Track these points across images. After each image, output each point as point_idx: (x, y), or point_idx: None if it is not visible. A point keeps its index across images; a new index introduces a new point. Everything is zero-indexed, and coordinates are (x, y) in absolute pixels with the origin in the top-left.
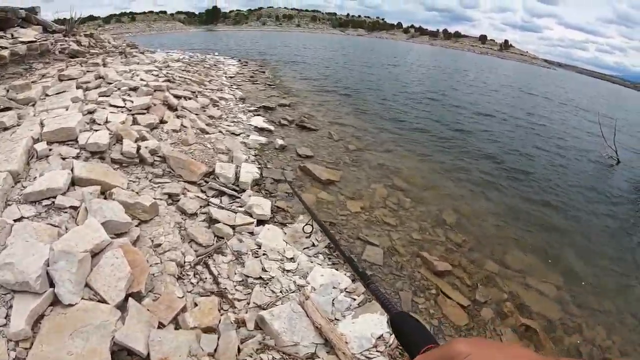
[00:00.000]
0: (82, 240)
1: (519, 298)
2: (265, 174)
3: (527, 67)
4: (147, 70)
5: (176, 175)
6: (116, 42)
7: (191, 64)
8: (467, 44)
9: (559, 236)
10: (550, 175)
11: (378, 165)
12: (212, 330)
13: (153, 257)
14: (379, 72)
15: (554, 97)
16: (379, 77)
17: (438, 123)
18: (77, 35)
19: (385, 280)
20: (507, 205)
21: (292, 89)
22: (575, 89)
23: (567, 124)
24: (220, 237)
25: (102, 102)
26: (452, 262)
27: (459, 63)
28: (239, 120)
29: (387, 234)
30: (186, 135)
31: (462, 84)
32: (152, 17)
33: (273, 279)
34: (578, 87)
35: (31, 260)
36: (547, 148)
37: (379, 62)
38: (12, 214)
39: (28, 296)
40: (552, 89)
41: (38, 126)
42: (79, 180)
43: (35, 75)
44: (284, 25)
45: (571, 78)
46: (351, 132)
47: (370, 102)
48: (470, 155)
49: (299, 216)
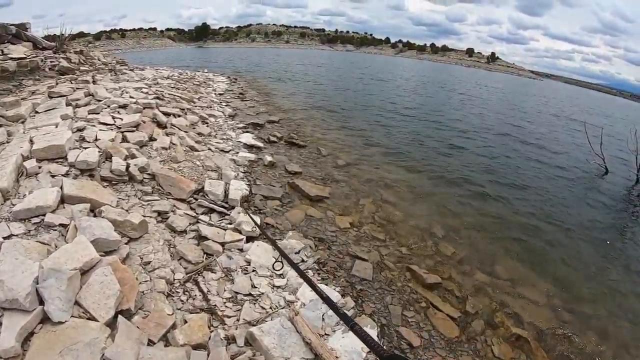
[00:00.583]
0: (72, 258)
1: (510, 307)
2: (255, 190)
3: (515, 79)
4: (137, 88)
5: (165, 192)
6: (106, 59)
7: (181, 81)
8: (455, 58)
9: (549, 245)
10: (538, 185)
11: (367, 180)
12: (202, 347)
13: (142, 275)
14: (366, 88)
15: (541, 109)
16: (367, 93)
17: (426, 137)
18: (67, 52)
19: (375, 295)
20: (496, 216)
21: (281, 105)
22: (561, 99)
23: (555, 135)
24: (210, 254)
25: (92, 120)
26: (442, 275)
27: (446, 77)
28: (228, 138)
29: (376, 248)
30: (175, 153)
31: (448, 98)
32: (142, 33)
33: (263, 295)
34: (564, 97)
35: (21, 278)
36: (536, 159)
37: (366, 77)
38: (2, 232)
39: (18, 313)
40: (538, 100)
41: (28, 143)
42: (68, 198)
43: (25, 92)
44: (273, 41)
45: (557, 88)
46: (340, 148)
47: (359, 117)
48: (458, 169)
49: (288, 232)
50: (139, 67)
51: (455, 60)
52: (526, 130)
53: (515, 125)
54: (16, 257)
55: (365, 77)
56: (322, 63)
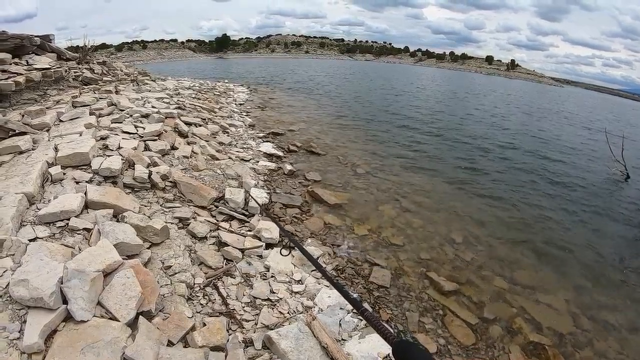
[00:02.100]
0: (95, 260)
1: (529, 314)
2: (275, 198)
3: (535, 86)
4: (159, 98)
5: (187, 200)
6: (128, 69)
7: (202, 91)
8: (474, 66)
9: (569, 251)
10: (559, 191)
11: (386, 188)
12: (220, 349)
13: (163, 279)
14: (387, 97)
15: (562, 115)
16: (388, 102)
17: (446, 145)
18: (90, 63)
19: (393, 302)
20: (515, 223)
21: (300, 114)
22: (582, 105)
23: (576, 141)
24: (230, 260)
25: (115, 129)
26: (460, 281)
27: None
28: (249, 147)
29: (394, 255)
30: (197, 161)
31: (469, 106)
32: (163, 45)
33: (281, 301)
34: (585, 103)
35: (45, 278)
36: (556, 165)
37: (385, 85)
38: (27, 234)
39: (42, 312)
40: (559, 107)
41: (52, 151)
42: (92, 204)
43: (50, 102)
44: (293, 52)
45: (578, 95)
46: (359, 156)
47: (379, 127)
48: (478, 177)
49: (307, 240)
50: (161, 78)
51: (474, 68)
52: (546, 137)
53: (535, 133)
54: (41, 259)
55: (385, 87)
56: (342, 73)
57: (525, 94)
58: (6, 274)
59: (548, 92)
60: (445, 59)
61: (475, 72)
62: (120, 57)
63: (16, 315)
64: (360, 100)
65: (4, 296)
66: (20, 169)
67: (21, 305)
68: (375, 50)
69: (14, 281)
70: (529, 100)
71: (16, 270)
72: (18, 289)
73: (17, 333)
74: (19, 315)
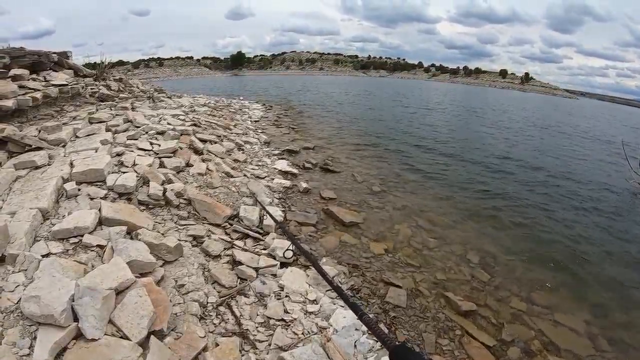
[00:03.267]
0: (108, 278)
1: (547, 335)
2: (290, 216)
3: (549, 100)
4: (174, 115)
5: (201, 217)
6: (144, 86)
7: (217, 108)
8: (488, 80)
9: (587, 271)
10: (576, 208)
11: (402, 207)
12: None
13: (176, 297)
14: (402, 114)
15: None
16: (403, 120)
17: (462, 163)
18: (107, 80)
19: (409, 323)
20: (532, 241)
21: (315, 132)
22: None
23: (592, 154)
24: (244, 279)
25: (130, 145)
26: (478, 302)
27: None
28: (264, 164)
29: (410, 275)
30: (211, 179)
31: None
32: (179, 62)
33: (295, 321)
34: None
35: (57, 295)
36: (572, 181)
37: (401, 103)
38: (41, 250)
39: (52, 329)
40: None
41: (68, 166)
42: (106, 220)
43: (66, 117)
44: (307, 68)
45: (593, 107)
46: (375, 174)
47: (394, 144)
48: (494, 193)
49: (322, 258)
50: (177, 95)
51: (488, 82)
52: (562, 152)
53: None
54: (53, 275)
55: (400, 103)
56: (356, 89)
57: (540, 109)
58: (18, 290)
59: (563, 105)
60: (459, 74)
61: (489, 87)
62: (137, 74)
63: (27, 332)
64: (375, 118)
65: (15, 312)
66: (36, 184)
67: (32, 321)
68: (389, 66)
69: (26, 297)
70: (544, 115)
71: (28, 286)
72: (29, 305)
73: (27, 349)
74: (30, 331)
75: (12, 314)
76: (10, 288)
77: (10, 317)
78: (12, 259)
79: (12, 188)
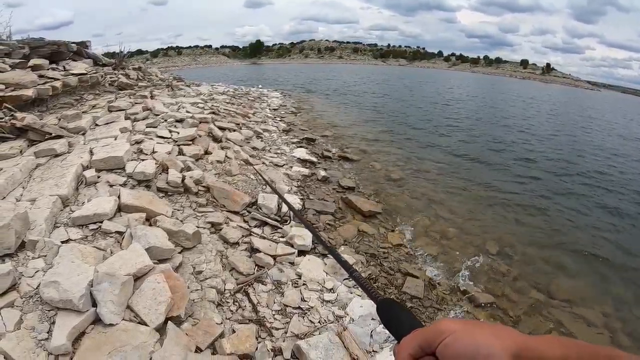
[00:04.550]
0: (126, 264)
1: (566, 328)
2: (308, 205)
3: (571, 92)
4: (193, 103)
5: (219, 204)
6: (163, 75)
7: (236, 96)
8: (509, 70)
9: (609, 264)
10: (598, 200)
11: (420, 195)
12: (249, 357)
13: (194, 284)
14: (421, 103)
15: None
16: (423, 108)
17: (482, 151)
18: (125, 69)
19: (426, 313)
20: (552, 232)
21: (334, 120)
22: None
23: (616, 148)
24: (261, 267)
25: (149, 133)
26: (495, 293)
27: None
28: (282, 152)
29: (428, 265)
30: (230, 166)
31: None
32: (197, 51)
33: (312, 309)
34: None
35: (76, 280)
36: (595, 173)
37: (420, 91)
38: (60, 236)
39: (71, 314)
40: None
41: (87, 154)
42: (125, 207)
43: (86, 106)
44: (326, 57)
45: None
46: (393, 162)
47: (414, 133)
48: (514, 184)
49: (340, 247)
50: (195, 83)
51: (509, 73)
52: (585, 145)
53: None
54: (72, 261)
55: (419, 91)
56: (374, 78)
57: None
58: (37, 275)
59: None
60: (480, 64)
61: (509, 77)
62: (156, 63)
63: (45, 316)
64: (394, 107)
65: (34, 296)
66: (56, 172)
67: (51, 306)
68: (408, 55)
69: (45, 282)
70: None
71: (47, 272)
72: (48, 290)
73: (45, 334)
74: (48, 316)
75: (32, 299)
76: (30, 273)
77: (30, 301)
78: (32, 245)
79: (33, 175)
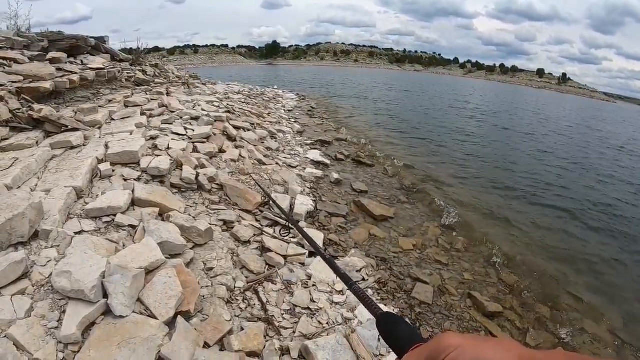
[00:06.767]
0: (138, 258)
1: (574, 341)
2: (320, 207)
3: (587, 103)
4: (209, 101)
5: (232, 203)
6: (180, 73)
7: (251, 96)
8: (525, 79)
9: (619, 278)
10: (611, 214)
11: (433, 202)
12: (256, 355)
13: (204, 280)
14: (437, 109)
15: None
16: (438, 115)
17: (495, 160)
18: (143, 65)
19: (434, 320)
20: (563, 246)
21: (349, 123)
22: None
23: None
24: (272, 266)
25: (165, 129)
26: (504, 304)
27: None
28: (296, 153)
29: (438, 272)
30: (244, 165)
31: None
32: (214, 50)
33: (321, 310)
34: None
35: (88, 271)
36: (611, 186)
37: (436, 98)
38: (74, 227)
39: (81, 304)
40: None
41: (103, 148)
42: (138, 201)
43: (102, 100)
44: (342, 60)
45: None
46: (407, 168)
47: (428, 139)
48: (527, 195)
49: (351, 250)
50: (211, 82)
51: (525, 82)
52: (604, 159)
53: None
54: (85, 252)
55: (435, 98)
56: (390, 83)
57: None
58: (50, 264)
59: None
60: (495, 72)
61: (525, 86)
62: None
63: (56, 305)
64: (409, 112)
65: (45, 285)
66: (71, 164)
67: (62, 295)
68: (424, 61)
69: (57, 272)
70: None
71: (60, 262)
72: (60, 280)
73: (55, 322)
74: (59, 305)
75: (43, 287)
76: (42, 263)
77: (41, 290)
78: (46, 235)
79: (48, 167)
